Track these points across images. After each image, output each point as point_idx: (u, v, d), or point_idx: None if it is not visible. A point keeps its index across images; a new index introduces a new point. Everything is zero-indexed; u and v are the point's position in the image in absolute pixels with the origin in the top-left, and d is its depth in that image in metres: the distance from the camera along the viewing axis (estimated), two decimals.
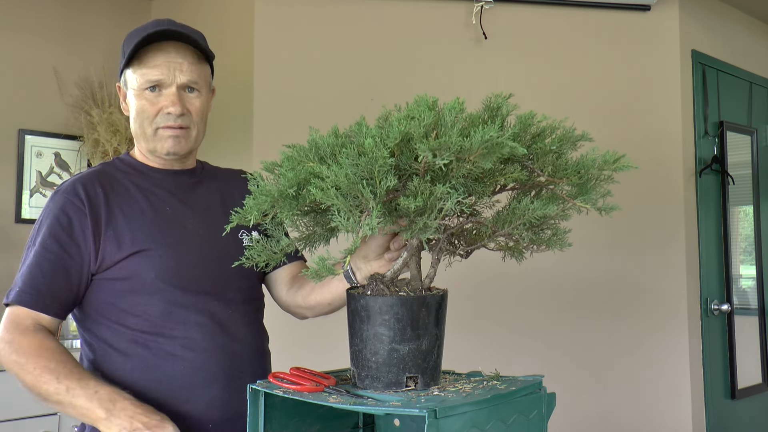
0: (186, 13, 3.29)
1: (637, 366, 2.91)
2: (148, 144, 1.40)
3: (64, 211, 1.33)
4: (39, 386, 1.24)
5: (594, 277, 2.91)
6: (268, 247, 1.17)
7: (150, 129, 1.38)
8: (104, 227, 1.33)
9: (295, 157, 1.03)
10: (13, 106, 3.06)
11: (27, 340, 1.27)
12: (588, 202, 1.04)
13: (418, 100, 0.97)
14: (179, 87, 1.36)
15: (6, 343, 1.28)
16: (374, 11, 2.89)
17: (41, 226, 1.35)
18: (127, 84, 1.40)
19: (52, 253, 1.31)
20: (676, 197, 3.02)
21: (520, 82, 2.91)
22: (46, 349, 1.27)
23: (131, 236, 1.33)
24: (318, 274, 1.00)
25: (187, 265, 1.35)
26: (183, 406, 1.31)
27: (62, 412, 1.29)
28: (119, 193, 1.37)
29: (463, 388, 1.05)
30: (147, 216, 1.37)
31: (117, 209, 1.35)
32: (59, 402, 1.24)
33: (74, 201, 1.33)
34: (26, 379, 1.26)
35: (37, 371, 1.24)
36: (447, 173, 0.98)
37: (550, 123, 1.07)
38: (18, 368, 1.26)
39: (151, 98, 1.36)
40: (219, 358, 1.34)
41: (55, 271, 1.32)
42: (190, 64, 1.38)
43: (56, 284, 1.32)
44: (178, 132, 1.38)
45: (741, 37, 3.59)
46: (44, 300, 1.31)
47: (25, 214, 3.05)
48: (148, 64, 1.35)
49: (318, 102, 2.78)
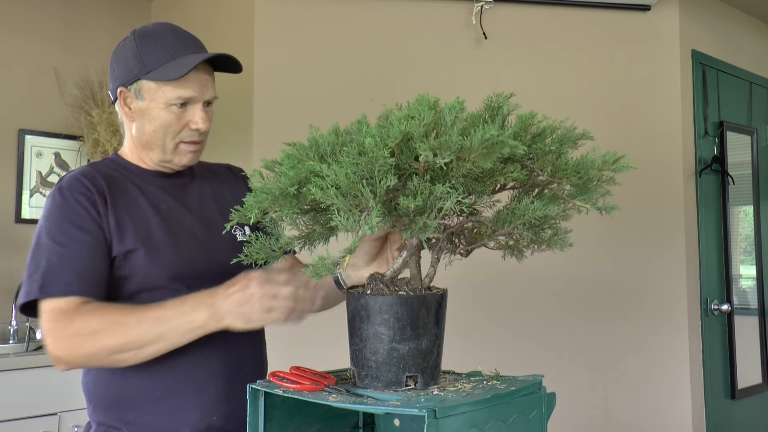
0: (186, 13, 3.29)
1: (637, 366, 2.91)
2: (164, 156, 1.40)
3: (77, 200, 1.31)
4: (130, 341, 1.22)
5: (594, 276, 2.91)
6: (267, 244, 1.17)
7: (172, 143, 1.38)
8: (109, 216, 1.33)
9: (296, 155, 1.03)
10: (13, 106, 3.06)
11: (85, 316, 1.24)
12: (588, 202, 1.04)
13: (419, 100, 0.97)
14: (204, 103, 1.39)
15: (71, 336, 1.23)
16: (374, 11, 2.89)
17: (54, 219, 1.32)
18: (142, 93, 1.37)
19: (77, 240, 1.29)
20: (676, 197, 3.02)
21: (520, 82, 2.91)
22: (104, 310, 1.25)
23: (132, 230, 1.33)
24: (317, 273, 1.00)
25: (187, 262, 1.36)
26: (189, 399, 1.32)
27: (169, 346, 1.25)
28: (118, 188, 1.37)
29: (462, 388, 1.05)
30: (145, 212, 1.37)
31: (118, 202, 1.35)
32: (159, 337, 1.22)
33: (81, 190, 1.33)
34: (111, 344, 1.23)
35: (116, 329, 1.22)
36: (447, 173, 0.98)
37: (550, 123, 1.07)
38: (96, 343, 1.23)
39: (178, 113, 1.36)
40: (221, 351, 1.35)
41: (87, 255, 1.30)
42: (213, 81, 1.41)
43: (91, 267, 1.30)
44: (197, 147, 1.41)
45: (741, 37, 3.59)
46: (81, 283, 1.28)
47: (25, 214, 3.05)
48: (181, 80, 1.34)
49: (318, 102, 2.78)
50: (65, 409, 2.47)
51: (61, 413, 2.46)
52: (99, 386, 1.36)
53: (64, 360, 1.25)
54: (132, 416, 1.33)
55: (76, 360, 1.25)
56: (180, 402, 1.32)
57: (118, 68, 1.39)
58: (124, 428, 1.33)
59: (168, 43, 1.36)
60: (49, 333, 1.25)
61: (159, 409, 1.32)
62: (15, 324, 2.86)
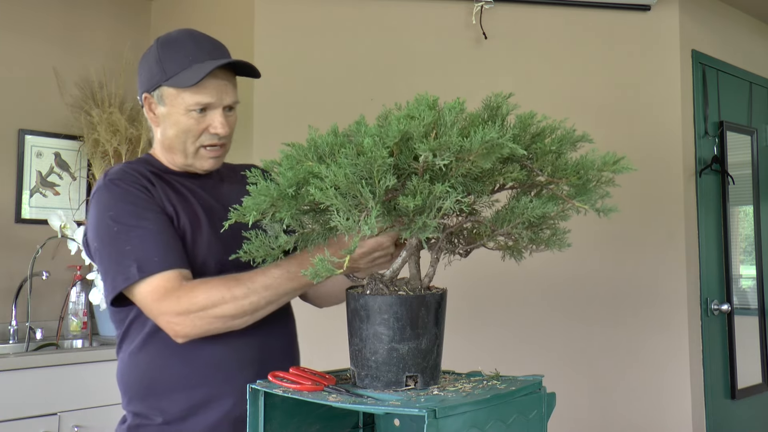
0: (186, 13, 3.29)
1: (637, 366, 2.91)
2: (186, 160, 1.45)
3: (133, 187, 1.36)
4: (242, 310, 1.28)
5: (594, 276, 2.91)
6: (266, 242, 1.17)
7: (192, 147, 1.43)
8: (163, 201, 1.38)
9: (295, 156, 1.03)
10: (13, 106, 3.06)
11: (190, 294, 1.28)
12: (586, 203, 1.04)
13: (419, 99, 0.97)
14: (224, 108, 1.42)
15: (183, 315, 1.27)
16: (374, 11, 2.89)
17: (118, 207, 1.34)
18: (164, 99, 1.42)
19: (149, 219, 1.33)
20: (676, 197, 3.02)
21: (520, 81, 2.91)
22: (208, 286, 1.29)
23: (177, 218, 1.38)
24: (317, 274, 1.00)
25: (225, 253, 1.38)
26: (222, 386, 1.36)
27: (281, 305, 1.33)
28: (160, 180, 1.43)
29: (462, 388, 1.05)
30: (189, 202, 1.42)
31: (161, 192, 1.40)
32: (269, 302, 1.29)
33: (132, 179, 1.37)
34: (225, 315, 1.28)
35: (225, 303, 1.27)
36: (446, 173, 0.98)
37: (549, 123, 1.07)
38: (210, 319, 1.27)
39: (198, 118, 1.40)
40: (254, 340, 1.39)
41: (165, 230, 1.34)
42: (233, 86, 1.44)
43: (174, 240, 1.34)
44: (219, 152, 1.45)
45: (741, 37, 3.59)
46: (172, 256, 1.32)
47: (25, 214, 3.05)
48: (199, 87, 1.38)
49: (318, 102, 2.78)
50: (65, 409, 2.47)
51: (61, 413, 2.46)
52: (134, 377, 1.40)
53: (181, 334, 1.30)
54: (166, 404, 1.37)
55: (194, 334, 1.30)
56: (214, 390, 1.36)
57: (143, 75, 1.45)
58: (158, 416, 1.37)
59: (187, 50, 1.40)
60: (160, 314, 1.29)
61: (193, 397, 1.36)
62: (15, 324, 2.86)
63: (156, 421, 1.38)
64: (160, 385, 1.37)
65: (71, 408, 2.49)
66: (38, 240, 2.91)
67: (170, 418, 1.37)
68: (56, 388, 2.47)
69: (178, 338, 1.31)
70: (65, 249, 2.93)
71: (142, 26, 3.49)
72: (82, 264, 2.96)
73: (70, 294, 3.00)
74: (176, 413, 1.36)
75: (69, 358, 2.51)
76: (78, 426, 2.48)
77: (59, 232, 2.79)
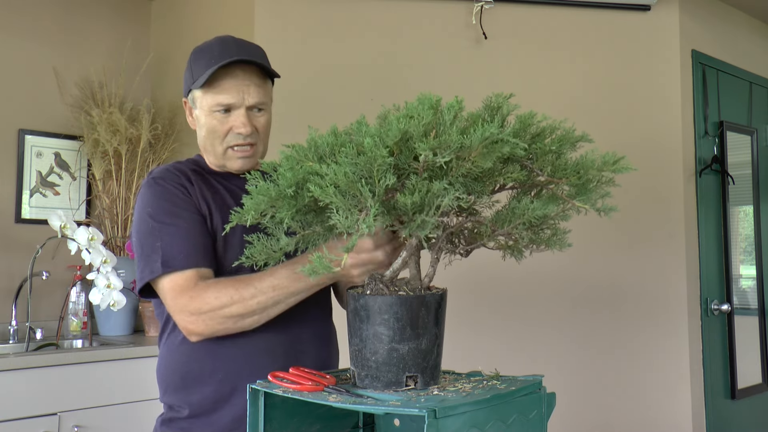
0: (186, 13, 3.29)
1: (636, 366, 2.91)
2: (217, 161, 1.50)
3: (173, 186, 1.43)
4: (250, 310, 1.32)
5: (594, 276, 2.91)
6: (267, 245, 1.17)
7: (221, 148, 1.47)
8: (200, 201, 1.43)
9: (294, 156, 1.03)
10: (13, 106, 3.06)
11: (203, 294, 1.33)
12: (587, 203, 1.04)
13: (421, 99, 0.97)
14: (247, 108, 1.46)
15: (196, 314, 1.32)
16: (374, 11, 2.89)
17: (157, 205, 1.40)
18: (195, 102, 1.49)
19: (183, 219, 1.39)
20: (676, 197, 3.02)
21: (520, 82, 2.91)
22: (219, 287, 1.33)
23: (210, 218, 1.42)
24: (314, 271, 1.00)
25: None
26: (248, 381, 1.37)
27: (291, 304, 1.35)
28: (201, 180, 1.47)
29: (462, 388, 1.05)
30: (225, 202, 1.45)
31: (198, 191, 1.45)
32: (277, 302, 1.33)
33: (173, 178, 1.44)
34: (234, 315, 1.32)
35: (234, 304, 1.31)
36: (446, 172, 0.98)
37: (549, 123, 1.06)
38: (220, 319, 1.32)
39: (221, 119, 1.45)
40: (281, 338, 1.42)
41: (196, 230, 1.39)
42: (257, 86, 1.47)
43: (202, 240, 1.39)
44: (248, 152, 1.48)
45: (741, 37, 3.59)
46: (197, 255, 1.37)
47: (25, 214, 3.05)
48: (218, 87, 1.44)
49: (318, 102, 2.78)
50: (65, 409, 2.47)
51: (61, 413, 2.46)
52: (169, 369, 1.45)
53: (195, 332, 1.35)
54: (196, 397, 1.41)
55: (206, 333, 1.35)
56: (241, 384, 1.37)
57: (184, 82, 1.53)
58: (187, 408, 1.42)
59: (212, 54, 1.45)
60: (177, 311, 1.36)
61: (221, 390, 1.40)
62: (15, 324, 2.86)
63: (183, 413, 1.42)
64: (190, 378, 1.42)
65: (71, 408, 2.49)
66: (38, 240, 2.91)
67: (197, 411, 1.41)
68: (56, 388, 2.47)
69: (192, 336, 1.36)
70: (65, 249, 2.93)
71: (142, 26, 3.49)
72: (82, 264, 2.96)
73: (70, 294, 3.00)
74: (203, 406, 1.40)
75: (69, 358, 2.51)
76: (78, 426, 2.48)
77: (59, 232, 2.79)
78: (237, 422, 1.38)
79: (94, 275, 2.77)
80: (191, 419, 1.42)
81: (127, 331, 3.03)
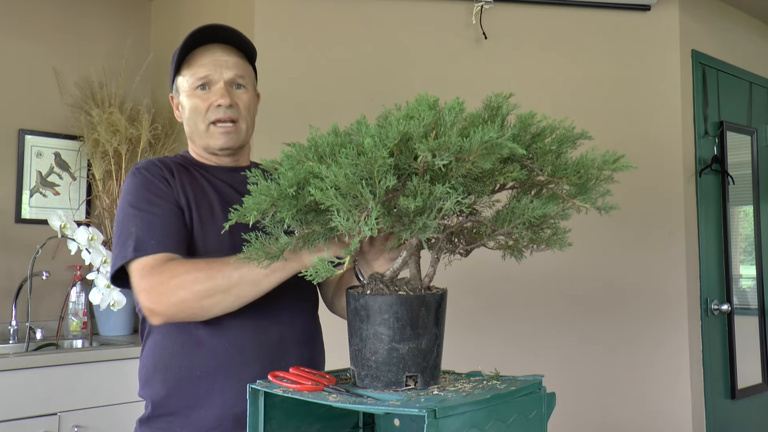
0: (186, 13, 3.29)
1: (636, 365, 2.91)
2: (201, 140, 1.50)
3: (154, 176, 1.43)
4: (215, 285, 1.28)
5: (594, 276, 2.91)
6: (267, 244, 1.17)
7: (203, 125, 1.48)
8: (179, 193, 1.43)
9: (295, 156, 1.03)
10: (13, 106, 3.06)
11: (171, 268, 1.31)
12: (587, 202, 1.04)
13: (419, 99, 0.97)
14: (226, 83, 1.48)
15: (159, 285, 1.30)
16: (374, 11, 2.89)
17: (137, 193, 1.41)
18: (179, 90, 1.52)
19: (159, 207, 1.39)
20: (676, 197, 3.02)
21: (520, 81, 2.91)
22: (190, 262, 1.32)
23: (189, 209, 1.42)
24: (318, 274, 1.00)
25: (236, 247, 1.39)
26: (225, 380, 1.38)
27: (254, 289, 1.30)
28: (185, 173, 1.48)
29: (462, 388, 1.05)
30: (206, 194, 1.46)
31: (179, 183, 1.45)
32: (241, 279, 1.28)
33: (156, 170, 1.45)
34: (198, 288, 1.28)
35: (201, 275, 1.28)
36: (446, 173, 0.98)
37: (549, 123, 1.06)
38: (184, 290, 1.28)
39: (201, 95, 1.48)
40: (263, 339, 1.41)
41: (171, 219, 1.39)
42: (235, 62, 1.50)
43: (176, 229, 1.39)
44: (229, 128, 1.48)
45: (741, 37, 3.59)
46: (169, 242, 1.36)
47: (25, 214, 3.05)
48: (195, 64, 1.48)
49: (318, 102, 2.78)
50: (65, 409, 2.47)
51: (61, 413, 2.46)
52: (150, 365, 1.44)
53: (156, 311, 1.31)
54: (175, 395, 1.40)
55: (168, 309, 1.30)
56: (218, 383, 1.38)
57: (169, 79, 1.56)
58: (165, 406, 1.41)
59: (187, 37, 1.48)
60: (141, 290, 1.33)
61: (199, 387, 1.38)
62: (15, 324, 2.86)
63: (162, 411, 1.41)
64: (169, 376, 1.40)
65: (71, 408, 2.49)
66: (38, 240, 2.91)
67: (175, 409, 1.39)
68: (56, 388, 2.47)
69: (153, 318, 1.33)
70: (65, 249, 2.93)
71: (142, 26, 3.49)
72: (82, 264, 2.96)
73: (70, 294, 3.00)
74: (182, 405, 1.39)
75: (69, 358, 2.51)
76: (78, 426, 2.48)
77: (59, 232, 2.79)
78: (216, 421, 1.37)
79: (94, 275, 2.77)
80: (170, 417, 1.40)
81: (127, 331, 3.03)
